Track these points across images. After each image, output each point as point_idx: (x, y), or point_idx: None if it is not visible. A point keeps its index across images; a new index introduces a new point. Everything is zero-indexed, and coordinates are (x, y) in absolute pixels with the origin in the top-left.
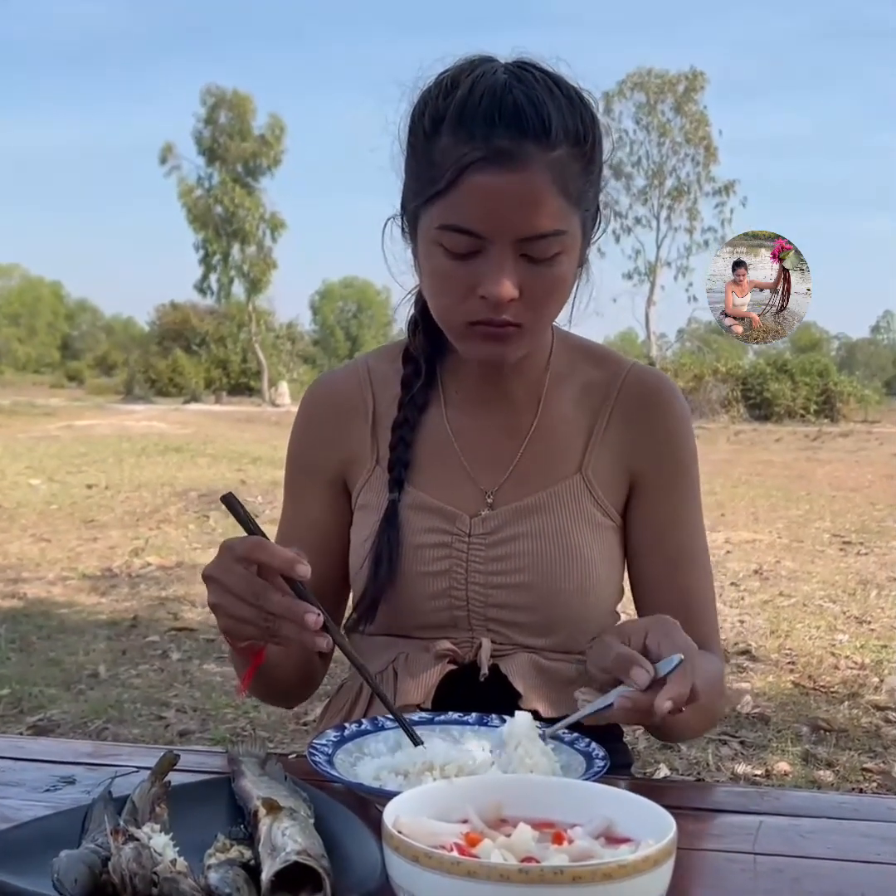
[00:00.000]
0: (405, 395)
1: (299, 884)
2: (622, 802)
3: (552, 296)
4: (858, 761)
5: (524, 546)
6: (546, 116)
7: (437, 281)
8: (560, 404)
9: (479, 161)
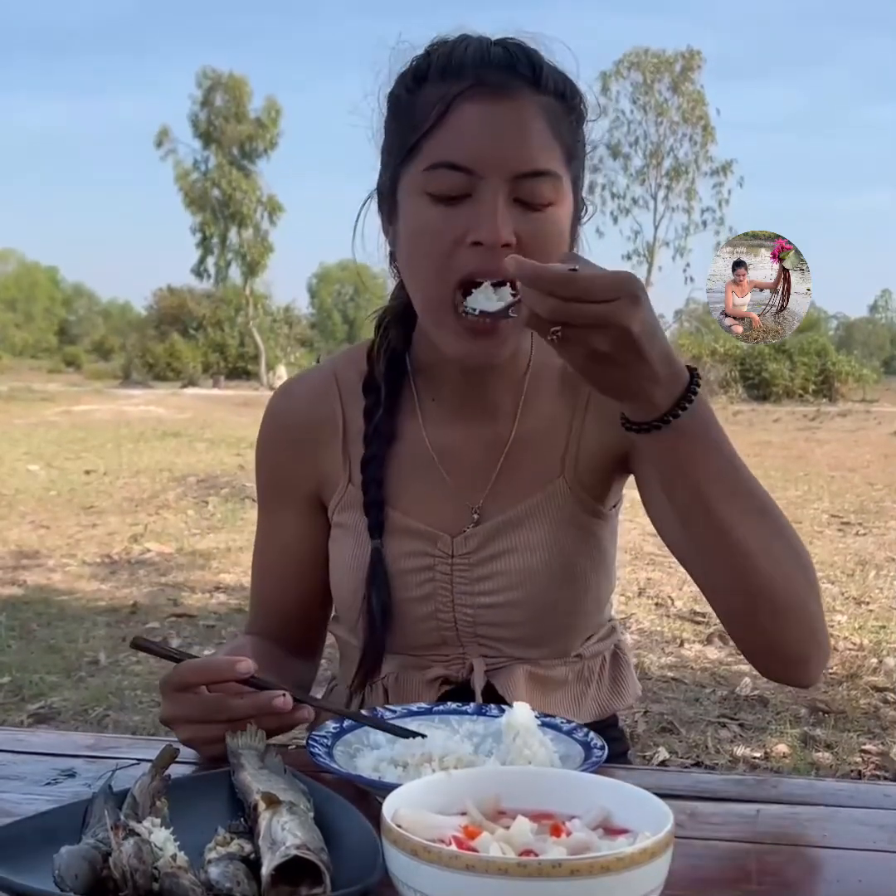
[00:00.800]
0: (368, 426)
1: (299, 877)
2: (620, 793)
3: (547, 249)
4: (857, 743)
5: (509, 563)
6: (537, 63)
7: (421, 239)
8: (540, 407)
9: (469, 90)
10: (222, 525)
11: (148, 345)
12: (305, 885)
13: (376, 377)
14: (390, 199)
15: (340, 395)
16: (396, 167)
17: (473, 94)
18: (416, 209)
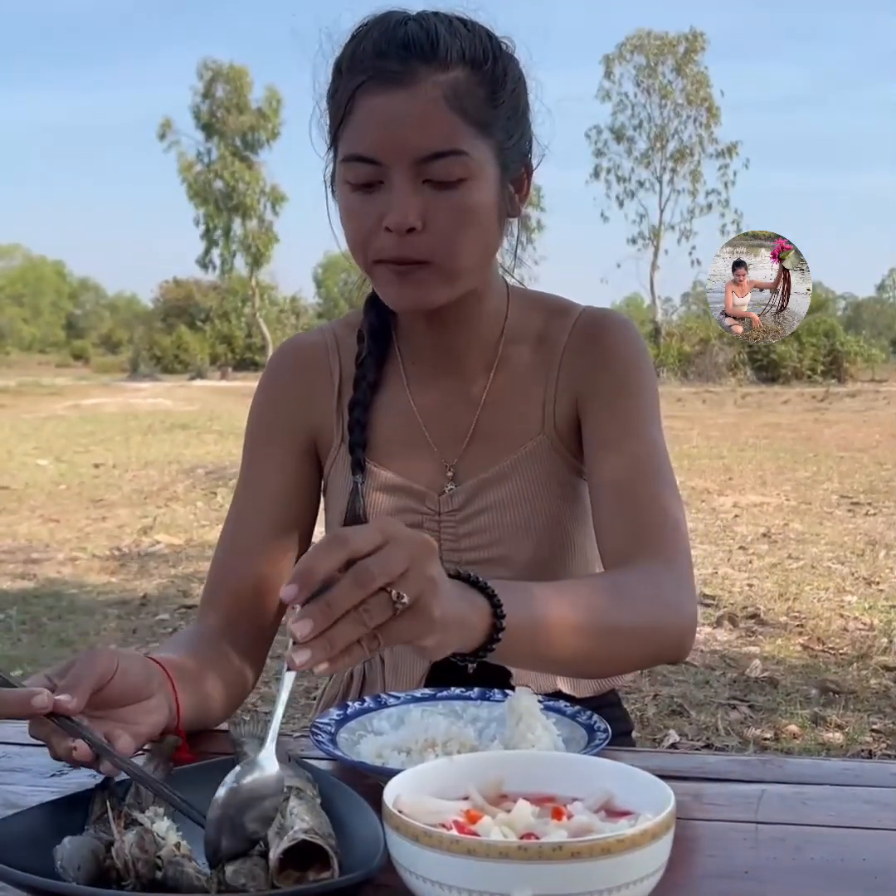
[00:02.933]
0: (359, 374)
1: (307, 862)
2: (622, 775)
3: (459, 226)
4: (868, 723)
5: (493, 518)
6: (435, 39)
7: (346, 218)
8: (516, 367)
9: (367, 83)
10: None
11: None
12: (314, 869)
13: (364, 327)
14: (332, 176)
15: (339, 353)
16: (330, 154)
17: (371, 86)
18: (341, 195)
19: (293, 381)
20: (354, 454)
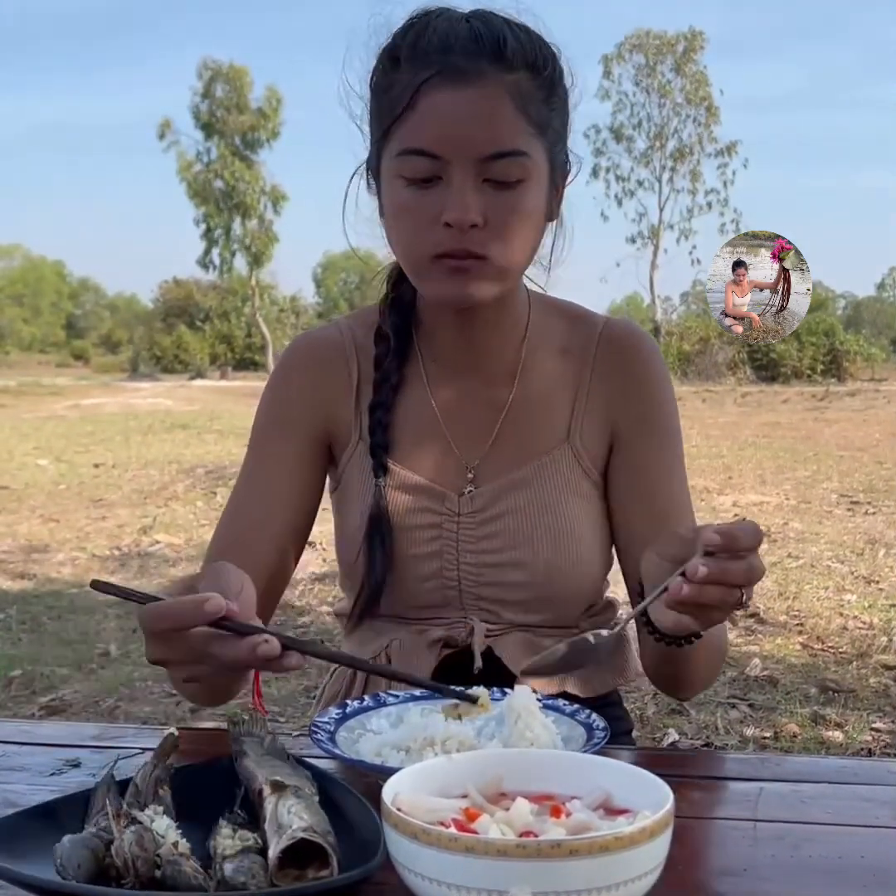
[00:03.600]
0: (378, 375)
1: (306, 861)
2: (620, 774)
3: (516, 225)
4: (867, 721)
5: (514, 522)
6: (502, 40)
7: (400, 216)
8: (540, 373)
9: (434, 78)
10: None
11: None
12: (313, 868)
13: (385, 327)
14: (376, 171)
15: (356, 351)
16: (378, 144)
17: (438, 82)
18: (393, 190)
19: (308, 376)
20: (376, 456)
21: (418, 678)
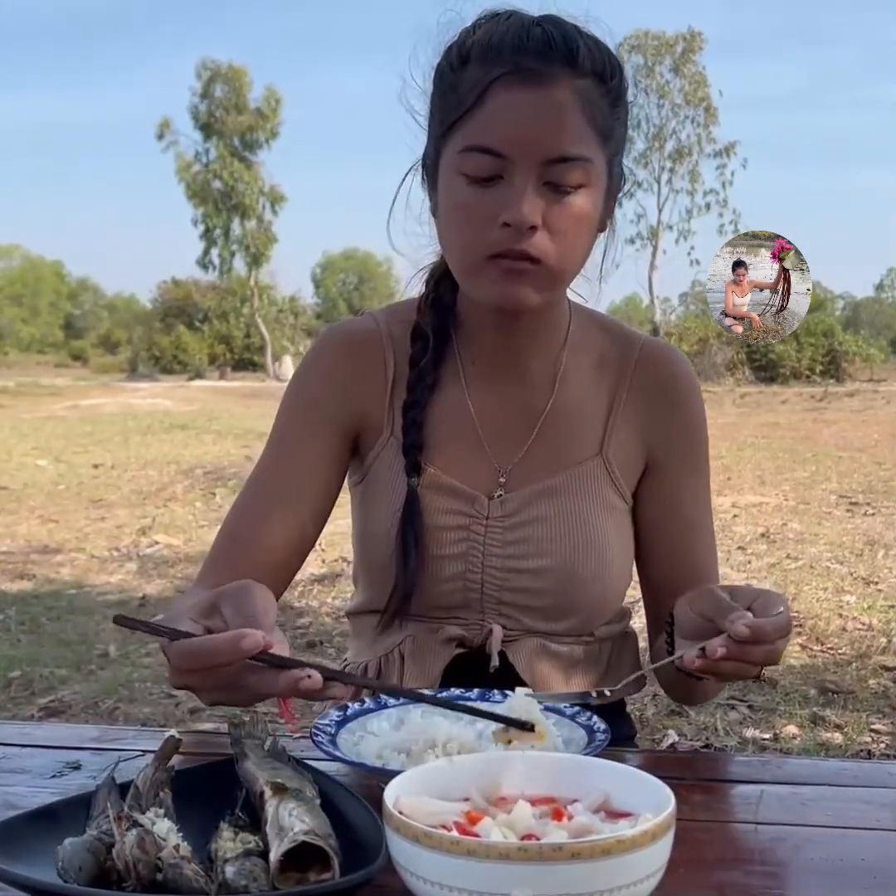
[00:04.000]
0: (414, 374)
1: (308, 864)
2: (622, 777)
3: (574, 230)
4: (867, 723)
5: (543, 530)
6: (574, 45)
7: (457, 212)
8: (577, 383)
9: (506, 76)
10: None
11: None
12: (314, 871)
13: (423, 326)
14: (433, 168)
15: (394, 348)
16: (438, 140)
17: (509, 81)
18: (452, 186)
19: (342, 365)
20: (409, 456)
21: (466, 705)
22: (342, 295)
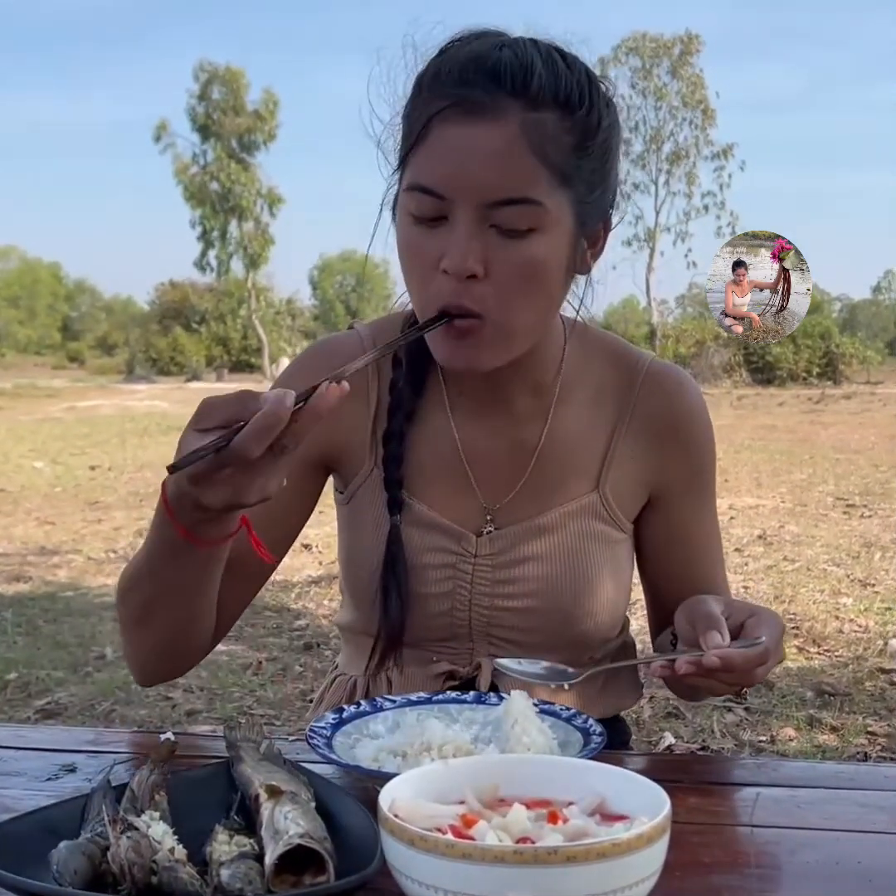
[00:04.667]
0: (392, 401)
1: (302, 867)
2: (617, 779)
3: (522, 280)
4: (863, 725)
5: (533, 570)
6: (529, 74)
7: (405, 253)
8: (573, 414)
9: (447, 109)
10: None
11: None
12: (309, 874)
13: (399, 352)
14: (394, 199)
15: (378, 372)
16: (395, 175)
17: (450, 114)
18: (402, 225)
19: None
20: (391, 492)
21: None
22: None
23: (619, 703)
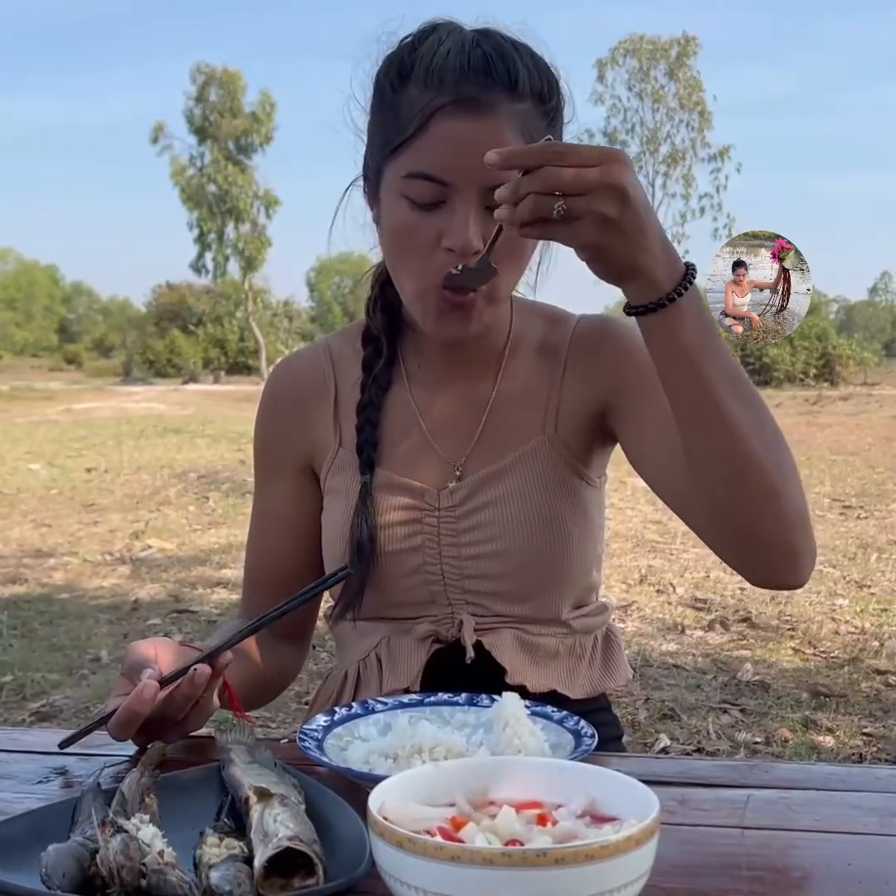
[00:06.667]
0: (367, 376)
1: (292, 869)
2: (607, 781)
3: (514, 254)
4: (859, 726)
5: (493, 514)
6: (513, 69)
7: (401, 235)
8: (519, 369)
9: (448, 106)
10: (223, 520)
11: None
12: (298, 876)
13: (373, 329)
14: (374, 185)
15: (333, 365)
16: (380, 161)
17: (451, 110)
18: (395, 209)
19: (287, 405)
20: (363, 454)
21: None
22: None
23: (605, 682)
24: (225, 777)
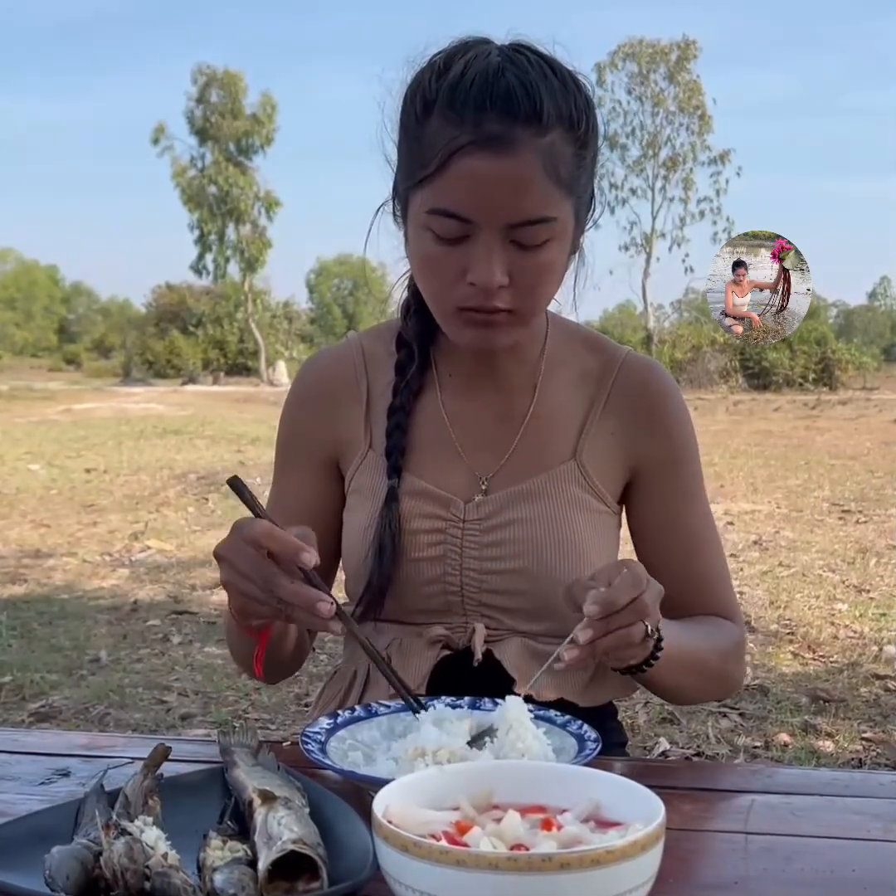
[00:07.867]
0: (400, 380)
1: (296, 872)
2: (612, 786)
3: (541, 282)
4: (858, 731)
5: (518, 532)
6: (538, 101)
7: (426, 265)
8: (556, 390)
9: (469, 145)
10: (222, 522)
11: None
12: (302, 880)
13: (406, 334)
14: (402, 206)
15: (366, 366)
16: (406, 188)
17: (472, 150)
18: (420, 240)
19: (318, 400)
20: (391, 458)
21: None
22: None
23: (610, 692)
24: (228, 780)
